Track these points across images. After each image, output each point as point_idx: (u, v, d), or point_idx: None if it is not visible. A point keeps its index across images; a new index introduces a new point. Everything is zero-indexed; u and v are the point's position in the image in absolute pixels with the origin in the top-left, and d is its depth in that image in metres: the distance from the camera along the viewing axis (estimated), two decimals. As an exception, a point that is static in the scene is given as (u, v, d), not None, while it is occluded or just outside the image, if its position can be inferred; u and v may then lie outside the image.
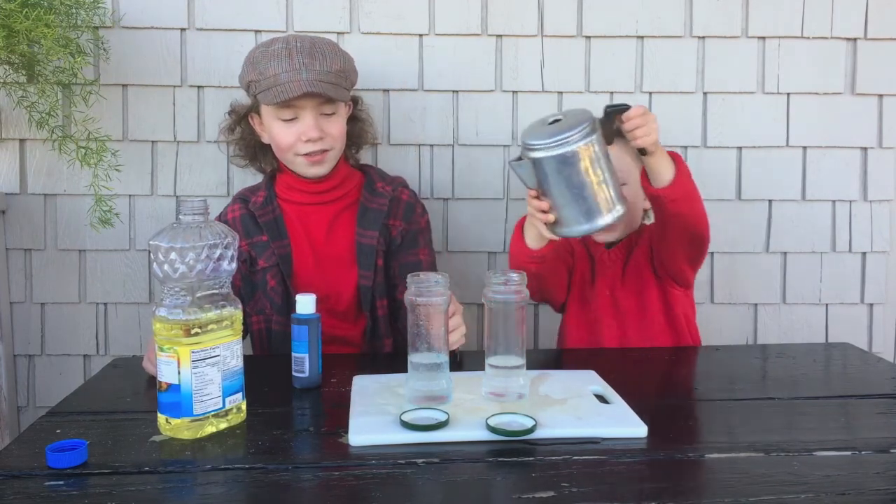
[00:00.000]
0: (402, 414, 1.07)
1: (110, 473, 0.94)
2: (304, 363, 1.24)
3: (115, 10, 1.80)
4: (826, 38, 1.90)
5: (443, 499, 0.89)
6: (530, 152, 1.25)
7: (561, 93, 1.89)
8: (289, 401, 1.22)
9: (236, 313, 1.09)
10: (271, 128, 1.53)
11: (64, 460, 0.95)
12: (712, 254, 1.93)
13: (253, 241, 1.55)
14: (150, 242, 1.05)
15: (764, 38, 1.90)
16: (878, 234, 1.97)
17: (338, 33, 1.83)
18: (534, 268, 1.38)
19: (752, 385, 1.29)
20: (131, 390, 1.26)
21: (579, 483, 0.91)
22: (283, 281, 1.53)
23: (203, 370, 1.04)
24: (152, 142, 1.85)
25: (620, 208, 1.27)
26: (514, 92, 1.89)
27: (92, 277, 1.87)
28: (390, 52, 1.85)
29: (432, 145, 1.89)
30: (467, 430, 1.04)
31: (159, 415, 1.05)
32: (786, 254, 1.96)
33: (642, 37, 1.89)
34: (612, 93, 1.89)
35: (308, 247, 1.56)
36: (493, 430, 1.02)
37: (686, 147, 1.90)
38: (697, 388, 1.29)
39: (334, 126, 1.53)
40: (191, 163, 1.86)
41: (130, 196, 1.85)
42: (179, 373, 1.02)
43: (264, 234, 1.54)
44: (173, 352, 1.02)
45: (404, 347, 1.16)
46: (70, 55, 1.62)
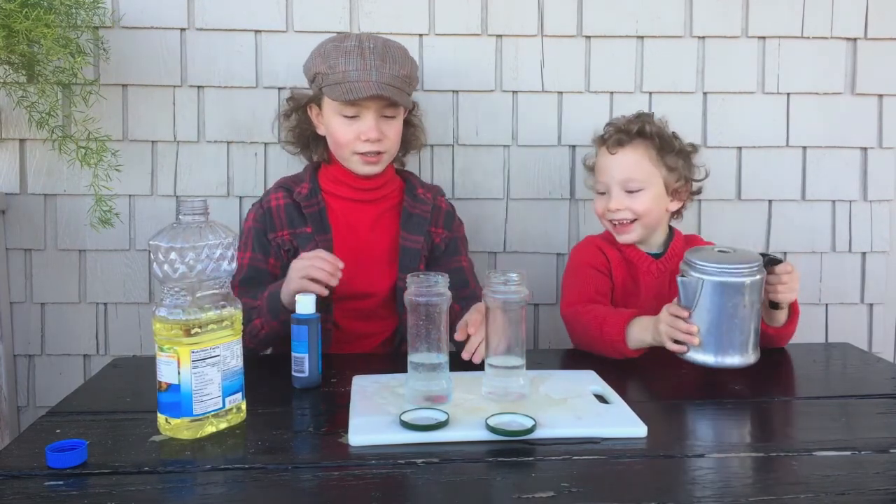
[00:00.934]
0: (401, 414, 1.07)
1: (110, 473, 0.94)
2: (303, 363, 1.24)
3: (115, 10, 1.80)
4: (826, 38, 1.90)
5: (443, 499, 0.89)
6: (701, 272, 1.27)
7: (561, 93, 1.89)
8: (289, 401, 1.22)
9: (236, 313, 1.09)
10: (331, 122, 1.54)
11: (64, 460, 0.95)
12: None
13: (296, 231, 1.54)
14: (150, 242, 1.05)
15: (764, 38, 1.90)
16: (878, 234, 1.97)
17: (338, 33, 1.83)
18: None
19: (752, 385, 1.28)
20: (131, 390, 1.26)
21: (579, 483, 0.91)
22: None
23: (203, 370, 1.04)
24: (152, 142, 1.85)
25: (753, 357, 1.28)
26: (514, 92, 1.89)
27: (92, 277, 1.87)
28: (390, 52, 1.85)
29: (432, 145, 1.89)
30: (467, 430, 1.04)
31: (159, 415, 1.05)
32: (786, 254, 1.96)
33: (642, 37, 1.89)
34: (611, 93, 1.89)
35: (349, 243, 1.56)
36: (492, 430, 1.02)
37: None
38: (698, 387, 1.29)
39: (393, 129, 1.55)
40: (191, 163, 1.86)
41: (130, 196, 1.85)
42: (179, 373, 1.02)
43: (308, 225, 1.54)
44: (173, 352, 1.02)
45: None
46: (70, 55, 1.62)
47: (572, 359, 1.44)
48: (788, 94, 1.92)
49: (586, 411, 1.11)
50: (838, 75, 1.92)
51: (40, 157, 1.83)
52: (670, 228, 1.63)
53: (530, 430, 1.02)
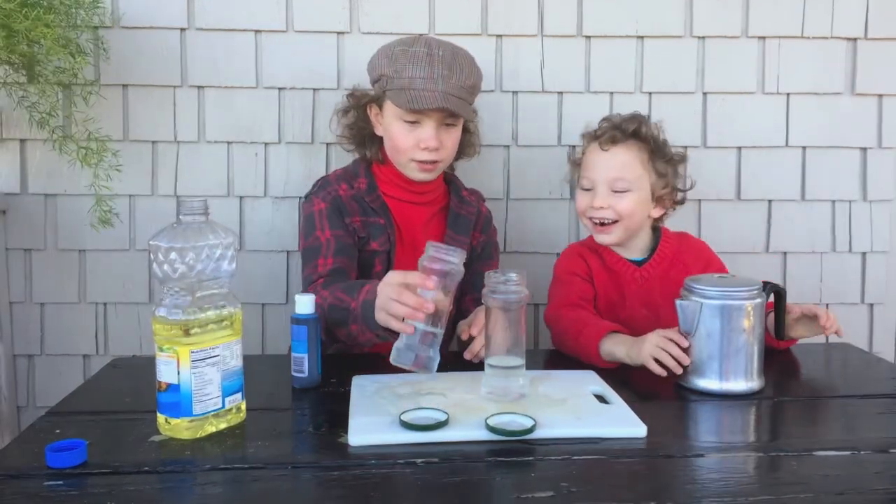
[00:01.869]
0: (401, 414, 1.07)
1: (110, 473, 0.94)
2: (303, 363, 1.24)
3: (114, 10, 1.80)
4: (826, 38, 1.90)
5: (443, 499, 0.89)
6: (701, 296, 1.26)
7: (561, 93, 1.89)
8: (289, 401, 1.22)
9: (236, 313, 1.09)
10: (391, 126, 1.52)
11: (64, 460, 0.95)
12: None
13: (369, 220, 1.53)
14: (150, 242, 1.05)
15: (764, 38, 1.90)
16: (878, 234, 1.97)
17: (337, 33, 1.84)
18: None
19: (751, 385, 1.28)
20: (131, 390, 1.26)
21: (579, 483, 0.91)
22: (387, 269, 1.50)
23: (203, 370, 1.04)
24: (152, 142, 1.85)
25: (758, 383, 1.26)
26: (514, 92, 1.89)
27: (92, 277, 1.87)
28: (390, 52, 1.85)
29: (432, 145, 1.89)
30: (467, 430, 1.04)
31: (159, 415, 1.05)
32: (786, 254, 1.96)
33: (642, 37, 1.89)
34: (611, 93, 1.89)
35: (407, 243, 1.56)
36: (492, 430, 1.02)
37: (686, 147, 1.89)
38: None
39: (451, 138, 1.54)
40: (191, 163, 1.86)
41: (130, 196, 1.85)
42: (179, 373, 1.02)
43: (381, 217, 1.54)
44: (173, 352, 1.02)
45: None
46: (70, 55, 1.62)
47: (572, 359, 1.43)
48: (788, 94, 1.92)
49: (586, 411, 1.11)
50: (838, 75, 1.92)
51: (40, 158, 1.83)
52: (656, 231, 1.59)
53: (530, 430, 1.02)
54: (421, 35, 1.59)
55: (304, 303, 1.26)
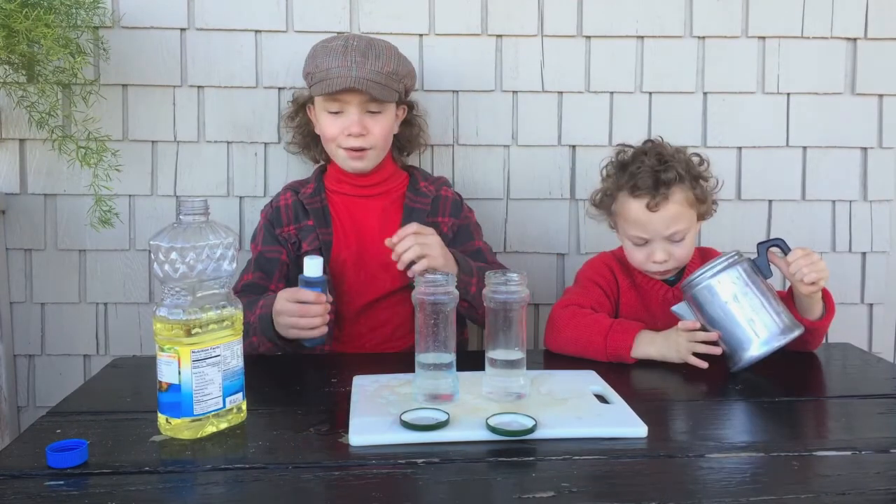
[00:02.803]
0: (402, 414, 1.07)
1: (110, 473, 0.94)
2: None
3: (115, 10, 1.80)
4: (826, 38, 1.90)
5: (443, 499, 0.89)
6: (685, 290, 1.36)
7: (561, 93, 1.89)
8: (289, 401, 1.22)
9: (237, 313, 1.09)
10: (320, 119, 1.61)
11: (64, 460, 0.95)
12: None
13: (300, 225, 1.61)
14: (151, 242, 1.05)
15: (764, 38, 1.90)
16: (878, 234, 1.97)
17: (337, 33, 1.83)
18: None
19: (751, 385, 1.28)
20: (131, 390, 1.26)
21: (579, 483, 0.91)
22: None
23: (203, 370, 1.03)
24: (152, 142, 1.85)
25: (796, 330, 1.31)
26: (514, 92, 1.89)
27: (92, 277, 1.87)
28: (390, 52, 1.85)
29: (432, 145, 1.89)
30: (467, 430, 1.04)
31: (159, 415, 1.05)
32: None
33: (642, 37, 1.89)
34: (611, 93, 1.89)
35: (353, 237, 1.61)
36: (493, 430, 1.02)
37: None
38: (698, 387, 1.29)
39: (378, 125, 1.57)
40: (191, 163, 1.86)
41: (130, 196, 1.85)
42: (180, 373, 1.02)
43: (311, 219, 1.60)
44: (174, 352, 1.02)
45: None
46: (70, 55, 1.62)
47: (572, 359, 1.43)
48: (788, 94, 1.92)
49: (587, 411, 1.11)
50: (838, 75, 1.92)
51: (40, 157, 1.83)
52: None
53: (531, 430, 1.02)
54: (342, 33, 1.63)
55: (313, 266, 1.31)
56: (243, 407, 1.11)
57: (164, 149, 1.85)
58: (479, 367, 1.19)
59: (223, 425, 1.07)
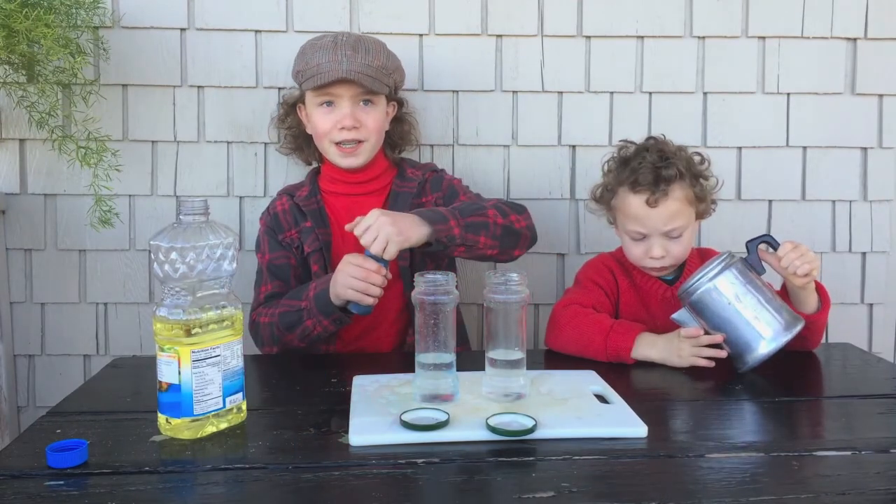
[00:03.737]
0: (402, 414, 1.07)
1: (110, 473, 0.94)
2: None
3: (115, 10, 1.80)
4: (826, 38, 1.90)
5: (443, 499, 0.89)
6: (682, 299, 1.37)
7: (561, 93, 1.89)
8: (289, 401, 1.22)
9: (237, 313, 1.09)
10: (312, 115, 1.60)
11: (64, 460, 0.95)
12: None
13: (300, 227, 1.61)
14: (151, 242, 1.05)
15: (764, 38, 1.90)
16: (878, 234, 1.97)
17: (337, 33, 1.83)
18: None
19: (751, 385, 1.29)
20: (131, 390, 1.26)
21: (579, 483, 0.91)
22: (324, 266, 1.57)
23: (203, 370, 1.04)
24: (152, 142, 1.85)
25: (797, 323, 1.32)
26: (514, 92, 1.89)
27: (92, 277, 1.87)
28: (390, 52, 1.85)
29: (432, 145, 1.89)
30: (467, 430, 1.04)
31: (159, 415, 1.05)
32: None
33: (642, 37, 1.89)
34: (611, 93, 1.89)
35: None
36: (493, 430, 1.02)
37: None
38: (697, 387, 1.29)
39: (371, 117, 1.58)
40: (191, 163, 1.86)
41: (130, 196, 1.85)
42: (180, 373, 1.02)
43: (308, 220, 1.60)
44: (174, 352, 1.02)
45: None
46: (70, 55, 1.62)
47: (572, 359, 1.43)
48: (788, 94, 1.92)
49: (587, 411, 1.11)
50: (838, 75, 1.92)
51: (40, 157, 1.83)
52: None
53: (531, 430, 1.02)
54: (330, 31, 1.62)
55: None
56: (243, 407, 1.11)
57: (164, 149, 1.85)
58: (479, 367, 1.19)
59: (223, 425, 1.07)
